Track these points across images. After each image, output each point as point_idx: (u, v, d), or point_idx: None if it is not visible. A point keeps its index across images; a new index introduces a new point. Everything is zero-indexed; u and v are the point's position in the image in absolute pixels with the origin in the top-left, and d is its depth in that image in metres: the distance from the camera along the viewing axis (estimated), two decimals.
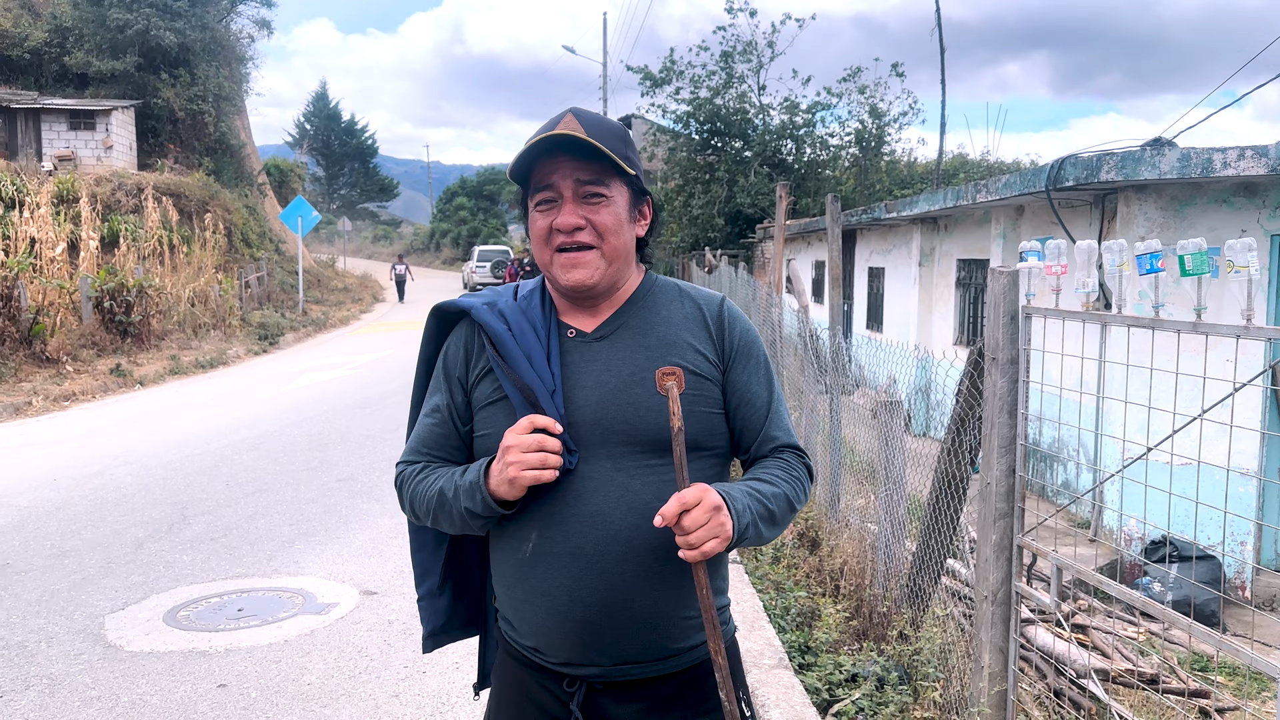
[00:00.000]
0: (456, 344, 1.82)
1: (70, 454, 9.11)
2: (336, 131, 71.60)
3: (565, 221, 1.68)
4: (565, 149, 1.67)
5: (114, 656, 4.53)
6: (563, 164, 1.67)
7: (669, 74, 25.76)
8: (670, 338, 1.73)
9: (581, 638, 1.66)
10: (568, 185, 1.67)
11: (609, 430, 1.65)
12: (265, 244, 27.40)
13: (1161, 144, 7.05)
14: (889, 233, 13.90)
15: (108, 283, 15.63)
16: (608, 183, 1.69)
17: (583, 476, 1.65)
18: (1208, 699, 4.51)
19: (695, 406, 1.69)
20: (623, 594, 1.64)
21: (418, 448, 1.82)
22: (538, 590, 1.67)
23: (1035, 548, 3.45)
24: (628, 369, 1.69)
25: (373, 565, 5.82)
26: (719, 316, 1.78)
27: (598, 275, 1.70)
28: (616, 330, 1.73)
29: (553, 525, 1.65)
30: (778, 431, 1.80)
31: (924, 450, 5.65)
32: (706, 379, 1.72)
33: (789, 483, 1.74)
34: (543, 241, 1.72)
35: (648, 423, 1.65)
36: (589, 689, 1.70)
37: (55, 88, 25.68)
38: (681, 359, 1.71)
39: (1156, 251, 2.78)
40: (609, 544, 1.63)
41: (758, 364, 1.80)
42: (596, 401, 1.67)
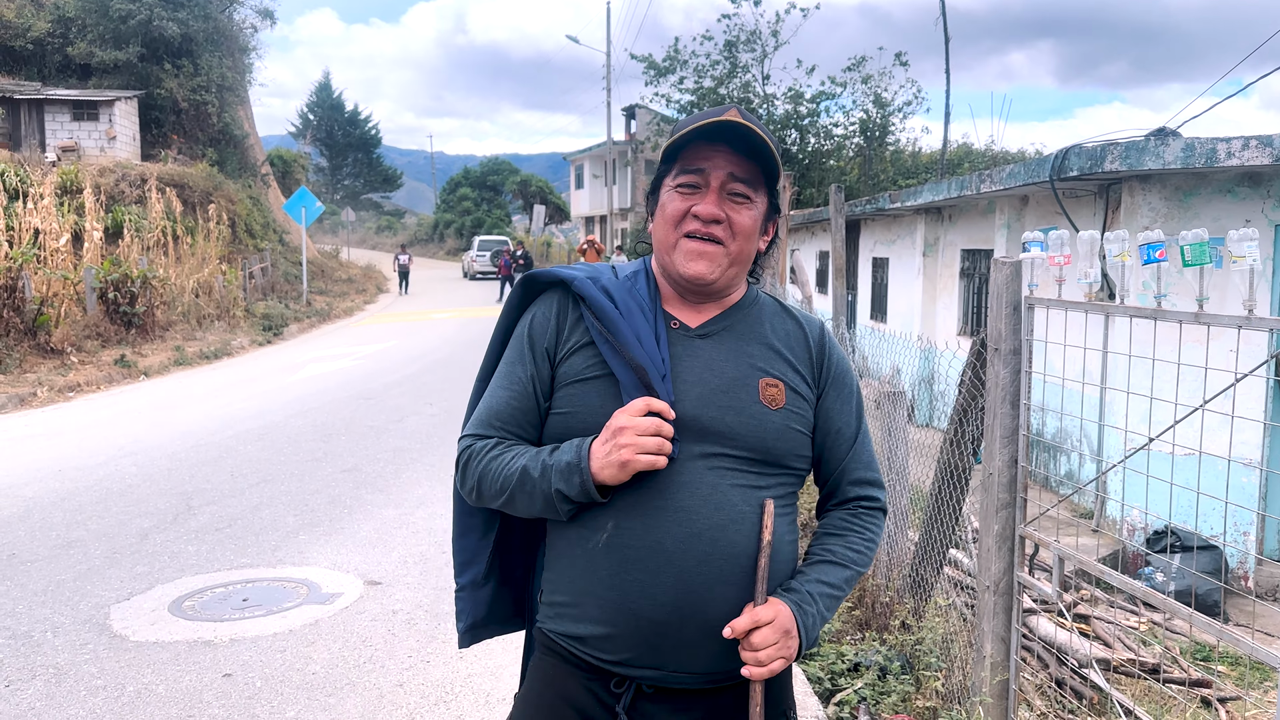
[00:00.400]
0: (546, 313, 1.72)
1: (75, 445, 9.14)
2: (340, 122, 71.55)
3: (707, 210, 1.63)
4: (730, 139, 1.63)
5: (119, 646, 4.56)
6: (721, 154, 1.64)
7: (673, 63, 25.70)
8: (773, 351, 1.70)
9: (647, 637, 1.59)
10: (719, 176, 1.63)
11: (706, 429, 1.60)
12: (269, 235, 27.42)
13: (1166, 134, 7.03)
14: (893, 223, 13.88)
15: (112, 274, 15.66)
16: (756, 187, 1.66)
17: (672, 471, 1.58)
18: (1209, 688, 4.52)
19: (789, 424, 1.65)
20: (699, 597, 1.57)
21: (490, 420, 1.70)
22: (607, 583, 1.59)
23: (1037, 538, 3.45)
24: (731, 371, 1.65)
25: (377, 555, 5.84)
26: (820, 340, 1.76)
27: (718, 272, 1.65)
28: (721, 331, 1.69)
29: (634, 516, 1.58)
30: (860, 468, 1.77)
31: (927, 441, 5.66)
32: (803, 398, 1.69)
33: (863, 552, 1.73)
34: (673, 224, 1.66)
35: (748, 428, 1.61)
36: (637, 692, 1.63)
37: (58, 78, 25.68)
38: (783, 375, 1.68)
39: (1159, 242, 2.78)
40: (692, 542, 1.57)
41: (851, 394, 1.77)
42: (697, 397, 1.61)
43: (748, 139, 1.62)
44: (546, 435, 1.68)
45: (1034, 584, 3.54)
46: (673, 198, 1.66)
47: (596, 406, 1.61)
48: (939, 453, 4.50)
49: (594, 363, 1.65)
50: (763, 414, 1.63)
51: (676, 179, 1.66)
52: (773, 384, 1.65)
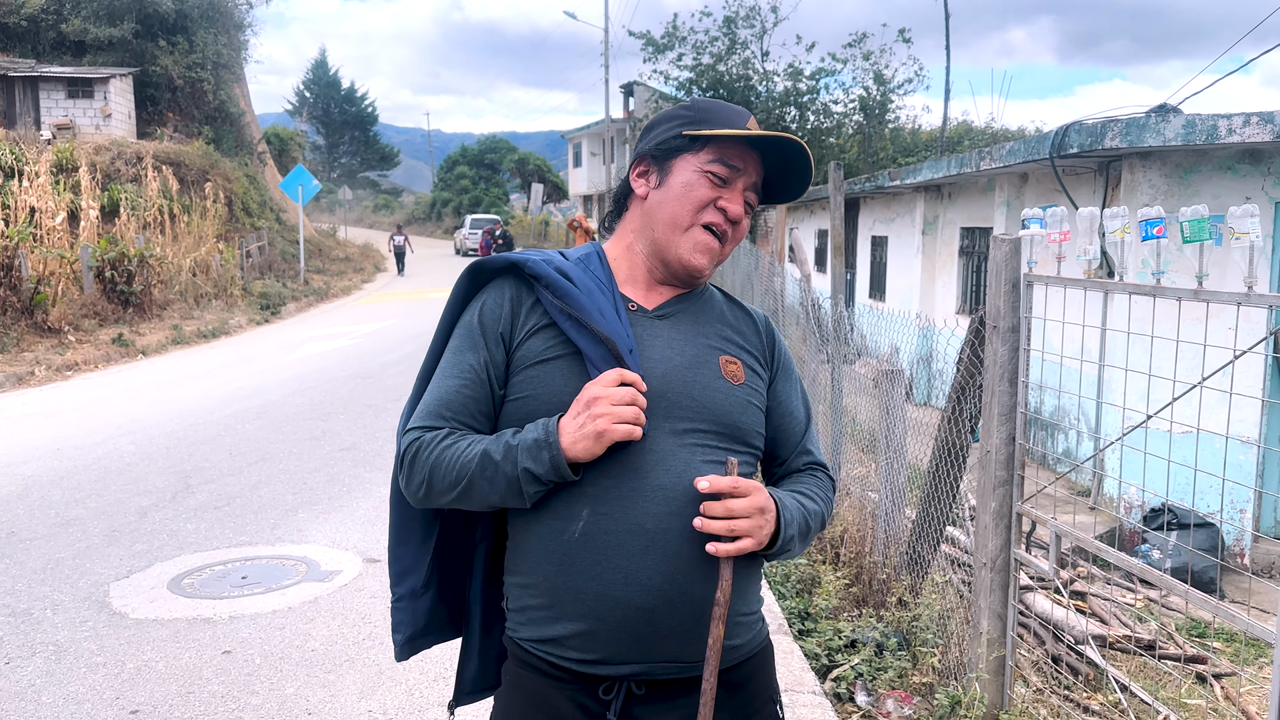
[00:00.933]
0: (497, 299, 1.65)
1: (73, 423, 9.14)
2: (336, 99, 71.18)
3: (736, 210, 1.64)
4: (770, 152, 1.66)
5: (119, 624, 4.57)
6: (754, 161, 1.66)
7: (671, 40, 25.56)
8: (728, 332, 1.71)
9: (634, 628, 1.51)
10: (746, 180, 1.65)
11: (674, 404, 1.58)
12: (266, 213, 27.33)
13: (1167, 110, 7.00)
14: (892, 201, 13.84)
15: (108, 252, 15.61)
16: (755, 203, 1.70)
17: (644, 449, 1.53)
18: (1204, 664, 4.54)
19: (750, 400, 1.66)
20: (686, 576, 1.52)
21: (439, 411, 1.60)
22: (587, 574, 1.52)
23: (1034, 515, 3.46)
24: (692, 350, 1.64)
25: (376, 533, 5.85)
26: (768, 327, 1.79)
27: (712, 268, 1.68)
28: (678, 313, 1.69)
29: (609, 500, 1.52)
30: (813, 447, 1.80)
31: (925, 419, 5.66)
32: (759, 377, 1.71)
33: (823, 503, 1.73)
34: (693, 209, 1.63)
35: (715, 402, 1.60)
36: (627, 695, 1.56)
37: (53, 55, 25.51)
38: (739, 354, 1.69)
39: (1158, 219, 2.77)
40: (672, 520, 1.51)
41: (797, 381, 1.81)
42: (663, 374, 1.59)
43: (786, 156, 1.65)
44: (503, 424, 1.61)
45: (1031, 561, 3.55)
46: (701, 181, 1.63)
47: (560, 387, 1.56)
48: (937, 430, 4.51)
49: (555, 343, 1.59)
50: (727, 389, 1.63)
51: (710, 165, 1.63)
52: (732, 361, 1.66)
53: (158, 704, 3.80)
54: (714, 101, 1.74)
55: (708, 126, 1.64)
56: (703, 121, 1.66)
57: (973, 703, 3.43)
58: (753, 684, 1.67)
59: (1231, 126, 6.49)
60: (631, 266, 1.71)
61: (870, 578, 4.93)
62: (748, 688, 1.66)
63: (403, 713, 3.74)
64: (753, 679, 1.67)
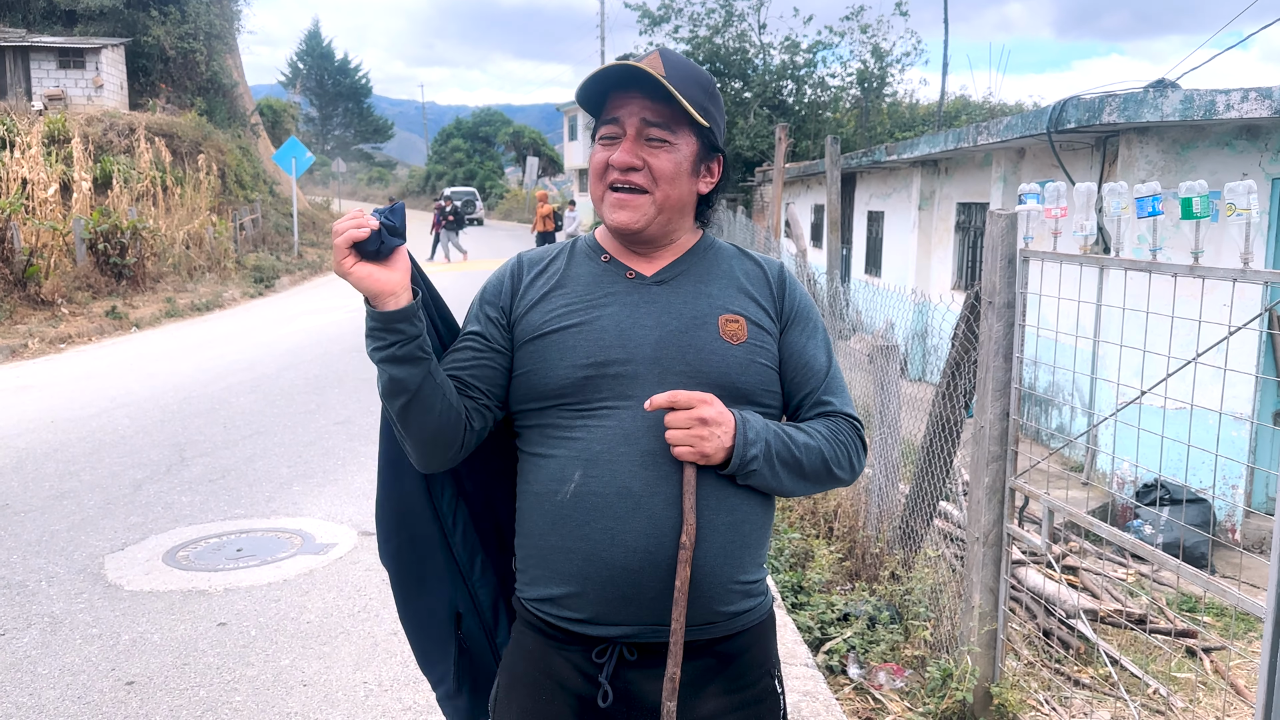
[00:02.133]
0: (498, 279, 1.75)
1: (67, 396, 9.12)
2: (330, 71, 70.58)
3: (620, 159, 1.62)
4: (638, 84, 1.61)
5: (114, 595, 4.58)
6: (633, 100, 1.62)
7: (668, 12, 25.34)
8: (732, 288, 1.69)
9: (620, 588, 1.55)
10: (633, 123, 1.62)
11: (668, 370, 1.59)
12: (259, 186, 27.16)
13: (1164, 86, 6.96)
14: (889, 176, 13.79)
15: (101, 224, 15.52)
16: (675, 129, 1.63)
17: (636, 416, 1.57)
18: (1195, 639, 4.58)
19: (754, 358, 1.64)
20: (670, 541, 1.55)
21: None
22: (576, 534, 1.57)
23: (1027, 490, 3.47)
24: (689, 313, 1.64)
25: (370, 506, 5.83)
26: (780, 277, 1.75)
27: (644, 220, 1.64)
28: (678, 276, 1.69)
29: (599, 464, 1.57)
30: (833, 398, 1.73)
31: (919, 395, 5.67)
32: (766, 332, 1.68)
33: (830, 443, 1.68)
34: (598, 176, 1.66)
35: (710, 365, 1.60)
36: (619, 660, 1.59)
37: (43, 25, 25.22)
38: (743, 310, 1.67)
39: (1156, 194, 2.76)
40: (659, 484, 1.55)
41: (816, 328, 1.75)
42: (656, 340, 1.61)
43: (653, 81, 1.60)
44: (515, 399, 1.68)
45: (1023, 535, 3.57)
46: (595, 150, 1.66)
47: (554, 360, 1.62)
48: (931, 405, 4.52)
49: (548, 318, 1.65)
50: (724, 349, 1.62)
51: (598, 132, 1.66)
52: (733, 319, 1.64)
53: (153, 675, 3.81)
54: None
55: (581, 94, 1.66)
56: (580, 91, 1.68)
57: (964, 675, 3.45)
58: (749, 655, 1.66)
59: (1230, 102, 6.46)
60: (615, 242, 1.74)
61: (863, 552, 4.96)
62: (743, 659, 1.66)
63: (397, 684, 3.76)
64: (749, 650, 1.66)
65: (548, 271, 1.72)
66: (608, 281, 1.68)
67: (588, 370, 1.59)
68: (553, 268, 1.73)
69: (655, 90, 1.60)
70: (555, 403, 1.62)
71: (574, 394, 1.60)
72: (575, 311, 1.65)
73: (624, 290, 1.66)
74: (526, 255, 1.78)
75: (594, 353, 1.60)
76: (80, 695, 3.67)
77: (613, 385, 1.59)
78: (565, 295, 1.67)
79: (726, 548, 1.60)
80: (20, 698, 3.65)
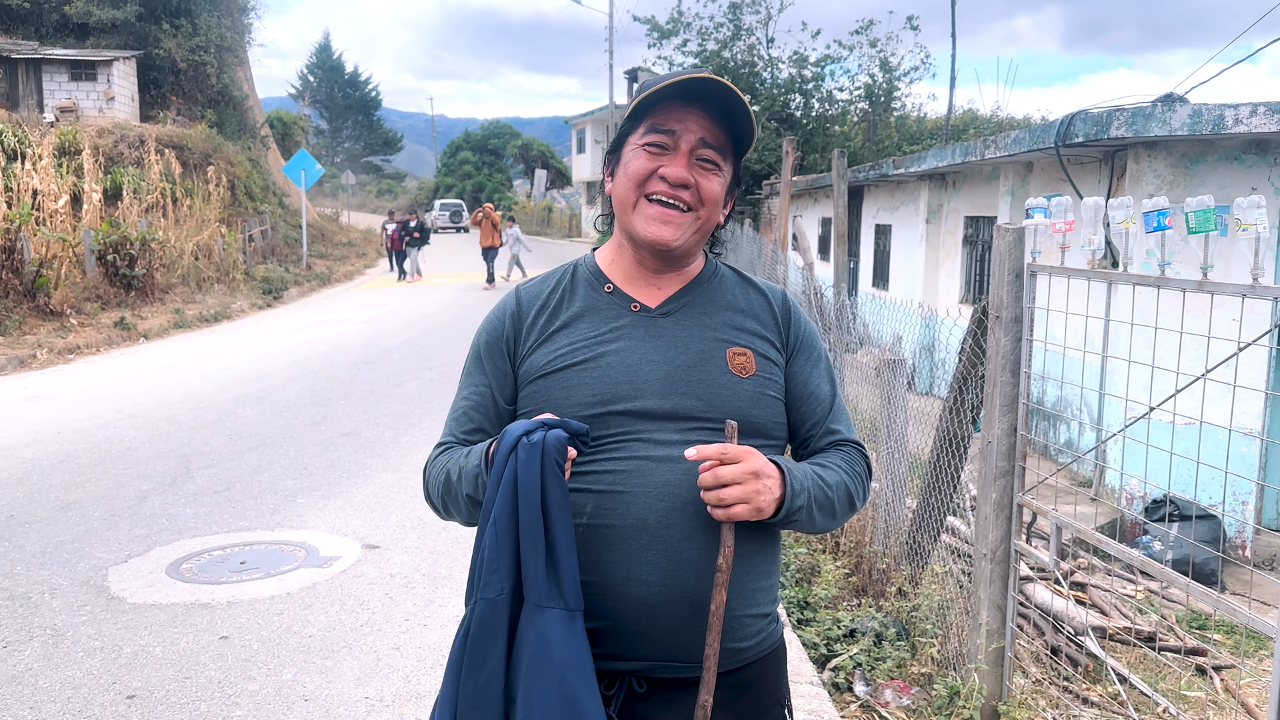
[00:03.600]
0: (497, 322, 1.70)
1: (74, 407, 9.13)
2: (340, 84, 71.01)
3: (676, 174, 1.56)
4: (706, 101, 1.57)
5: (117, 608, 4.57)
6: (693, 117, 1.57)
7: (676, 26, 25.41)
8: (738, 321, 1.66)
9: (634, 623, 1.51)
10: (689, 140, 1.57)
11: (678, 405, 1.56)
12: (269, 197, 27.27)
13: (1173, 100, 6.95)
14: (896, 189, 13.78)
15: (111, 235, 15.58)
16: (725, 156, 1.61)
17: (650, 447, 1.54)
18: (1204, 657, 4.53)
19: (764, 391, 1.62)
20: (686, 574, 1.50)
21: (452, 430, 1.69)
22: (590, 569, 1.51)
23: (1035, 506, 3.44)
24: (696, 346, 1.61)
25: (375, 519, 5.85)
26: (784, 305, 1.73)
27: (683, 239, 1.60)
28: (683, 308, 1.65)
29: (613, 497, 1.52)
30: (840, 425, 1.72)
31: (926, 408, 5.64)
32: (773, 364, 1.65)
33: (851, 476, 1.66)
34: (636, 183, 1.59)
35: (722, 399, 1.57)
36: (628, 692, 1.54)
37: (56, 38, 25.42)
38: (750, 343, 1.64)
39: (1164, 209, 2.73)
40: (675, 517, 1.50)
41: (820, 358, 1.73)
42: (665, 376, 1.57)
43: (724, 102, 1.56)
44: None
45: (1031, 552, 3.53)
46: (638, 155, 1.59)
47: (557, 399, 1.58)
48: (938, 420, 4.49)
49: (556, 356, 1.61)
50: (735, 384, 1.59)
51: (645, 138, 1.59)
52: (740, 353, 1.61)
53: (154, 689, 3.80)
54: (660, 75, 1.66)
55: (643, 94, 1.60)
56: (639, 98, 1.61)
57: (971, 693, 3.42)
58: (758, 686, 1.63)
59: (1238, 116, 6.44)
60: (626, 263, 1.68)
61: (870, 567, 4.92)
62: (753, 689, 1.62)
63: (399, 699, 3.73)
64: (760, 680, 1.63)
65: (549, 307, 1.67)
66: (612, 315, 1.64)
67: (595, 409, 1.56)
68: (553, 302, 1.68)
69: (719, 110, 1.57)
70: None
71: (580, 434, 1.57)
72: (580, 349, 1.61)
73: (630, 325, 1.63)
74: (524, 291, 1.72)
75: (600, 390, 1.57)
76: (81, 709, 3.65)
77: (621, 422, 1.55)
78: (569, 334, 1.63)
79: (739, 579, 1.57)
80: (21, 711, 3.64)
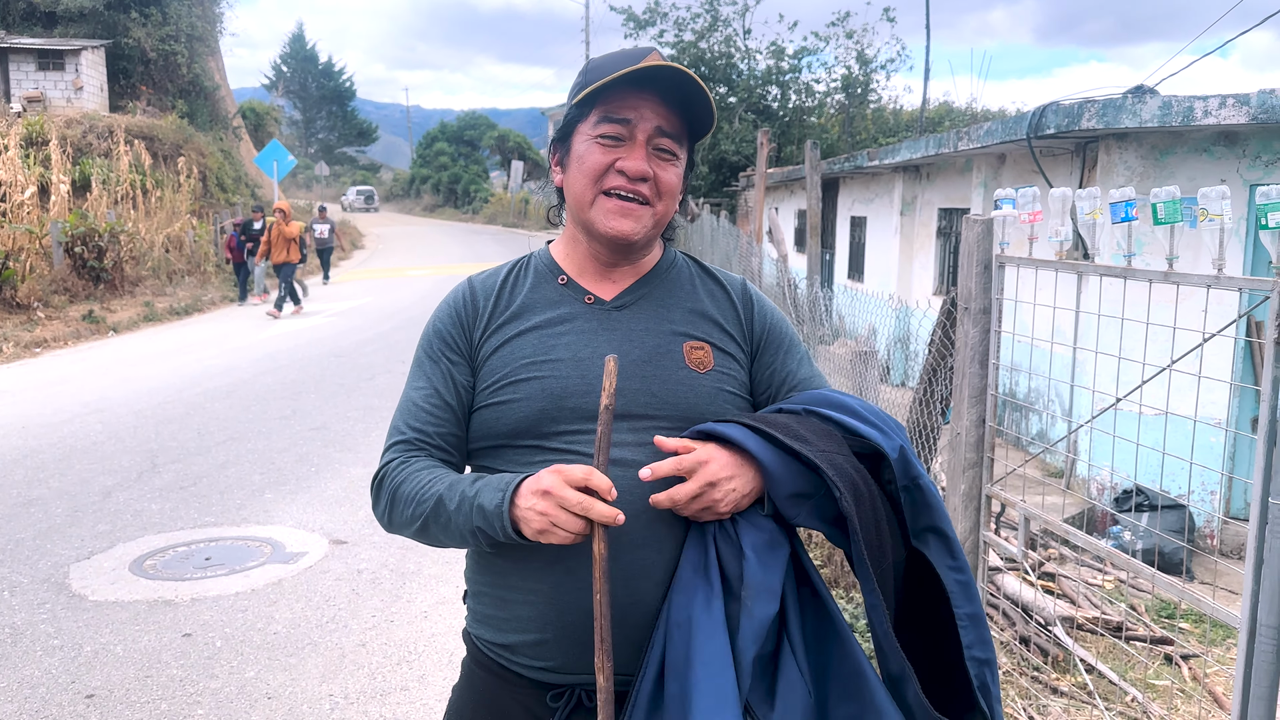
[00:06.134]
0: (450, 314, 1.62)
1: (40, 401, 8.99)
2: (314, 74, 70.42)
3: (635, 167, 1.49)
4: (660, 87, 1.49)
5: (78, 606, 4.49)
6: (648, 104, 1.49)
7: (653, 16, 25.35)
8: (696, 313, 1.60)
9: (586, 635, 1.44)
10: (645, 129, 1.50)
11: (631, 402, 1.49)
12: (241, 189, 26.99)
13: (1143, 92, 6.97)
14: (871, 181, 13.79)
15: (79, 227, 15.37)
16: (681, 143, 1.54)
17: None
18: (1172, 646, 4.55)
19: (722, 386, 1.55)
20: (639, 584, 1.44)
21: (403, 423, 1.58)
22: (538, 576, 1.47)
23: (1003, 497, 3.44)
24: (652, 341, 1.55)
25: (343, 514, 5.78)
26: (745, 296, 1.66)
27: (643, 232, 1.53)
28: (638, 300, 1.59)
29: None
30: None
31: (900, 400, 5.64)
32: (733, 359, 1.59)
33: None
34: (593, 178, 1.51)
35: (677, 395, 1.51)
36: (576, 704, 1.49)
37: (22, 26, 25.00)
38: (708, 336, 1.58)
39: (1130, 200, 2.72)
40: (628, 525, 1.41)
41: (794, 344, 1.66)
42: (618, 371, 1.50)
43: (682, 87, 1.49)
44: (474, 433, 1.56)
45: (1000, 543, 3.53)
46: (592, 149, 1.52)
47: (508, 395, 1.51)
48: (908, 411, 4.48)
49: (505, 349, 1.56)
50: (691, 379, 1.53)
51: (598, 128, 1.51)
52: (698, 346, 1.56)
53: (114, 688, 3.73)
54: (609, 55, 1.57)
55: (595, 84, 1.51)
56: (589, 83, 1.51)
57: None
58: None
59: (1208, 108, 6.46)
60: (580, 257, 1.62)
61: (840, 558, 4.91)
62: None
63: (364, 696, 3.68)
64: None
65: (502, 298, 1.61)
66: (565, 308, 1.57)
67: (544, 403, 1.49)
68: (506, 293, 1.61)
69: (675, 96, 1.50)
70: (510, 441, 1.51)
71: (529, 431, 1.50)
72: (530, 341, 1.55)
73: (582, 317, 1.56)
74: (477, 281, 1.65)
75: (550, 386, 1.50)
76: (39, 709, 3.58)
77: (571, 419, 1.49)
78: (519, 325, 1.56)
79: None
80: None
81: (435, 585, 4.76)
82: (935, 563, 1.45)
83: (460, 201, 55.56)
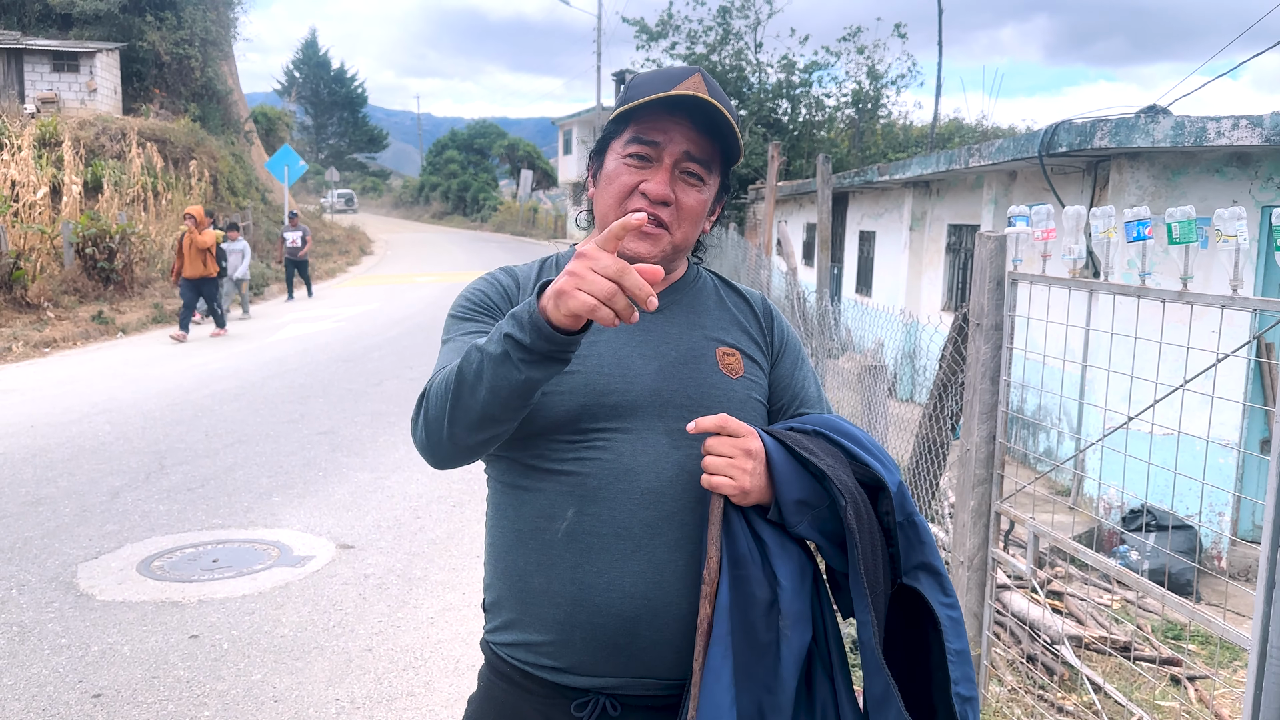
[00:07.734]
0: (488, 289, 1.61)
1: (49, 401, 9.02)
2: (325, 80, 70.77)
3: (657, 190, 1.49)
4: (692, 112, 1.49)
5: (86, 605, 4.50)
6: (679, 128, 1.50)
7: (665, 28, 25.44)
8: (724, 321, 1.63)
9: (611, 636, 1.43)
10: (673, 153, 1.50)
11: (668, 402, 1.49)
12: (251, 193, 27.10)
13: (1156, 111, 6.97)
14: (881, 196, 13.81)
15: (90, 228, 15.43)
16: (711, 168, 1.54)
17: (636, 450, 1.46)
18: (1179, 667, 4.54)
19: (750, 393, 1.57)
20: (671, 586, 1.43)
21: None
22: (568, 577, 1.44)
23: (1012, 514, 3.43)
24: (685, 344, 1.56)
25: (350, 519, 5.79)
26: (765, 309, 1.70)
27: (658, 255, 1.53)
28: (670, 307, 1.59)
29: (596, 501, 1.44)
30: None
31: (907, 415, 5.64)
32: (759, 366, 1.62)
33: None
34: (618, 199, 1.52)
35: (712, 399, 1.52)
36: (601, 714, 1.46)
37: (38, 28, 25.17)
38: (737, 343, 1.61)
39: (1145, 219, 2.73)
40: (660, 526, 1.43)
41: (804, 359, 1.71)
42: (656, 371, 1.51)
43: (711, 116, 1.50)
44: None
45: (1008, 560, 3.53)
46: (621, 170, 1.53)
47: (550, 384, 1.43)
48: (918, 427, 4.48)
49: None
50: (725, 383, 1.55)
51: (629, 147, 1.52)
52: (730, 353, 1.58)
53: (121, 688, 3.74)
54: (653, 72, 1.59)
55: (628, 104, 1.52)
56: (627, 100, 1.52)
57: None
58: None
59: (1220, 129, 6.47)
60: None
61: None
62: None
63: (370, 701, 3.69)
64: None
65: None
66: None
67: (584, 399, 1.47)
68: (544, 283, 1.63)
69: (705, 123, 1.51)
70: (546, 434, 1.48)
71: (568, 426, 1.47)
72: None
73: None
74: (519, 271, 1.67)
75: (591, 380, 1.49)
76: (45, 708, 3.59)
77: (610, 415, 1.48)
78: None
79: None
80: None
81: (442, 591, 4.77)
82: (929, 598, 1.46)
83: (469, 209, 55.73)
